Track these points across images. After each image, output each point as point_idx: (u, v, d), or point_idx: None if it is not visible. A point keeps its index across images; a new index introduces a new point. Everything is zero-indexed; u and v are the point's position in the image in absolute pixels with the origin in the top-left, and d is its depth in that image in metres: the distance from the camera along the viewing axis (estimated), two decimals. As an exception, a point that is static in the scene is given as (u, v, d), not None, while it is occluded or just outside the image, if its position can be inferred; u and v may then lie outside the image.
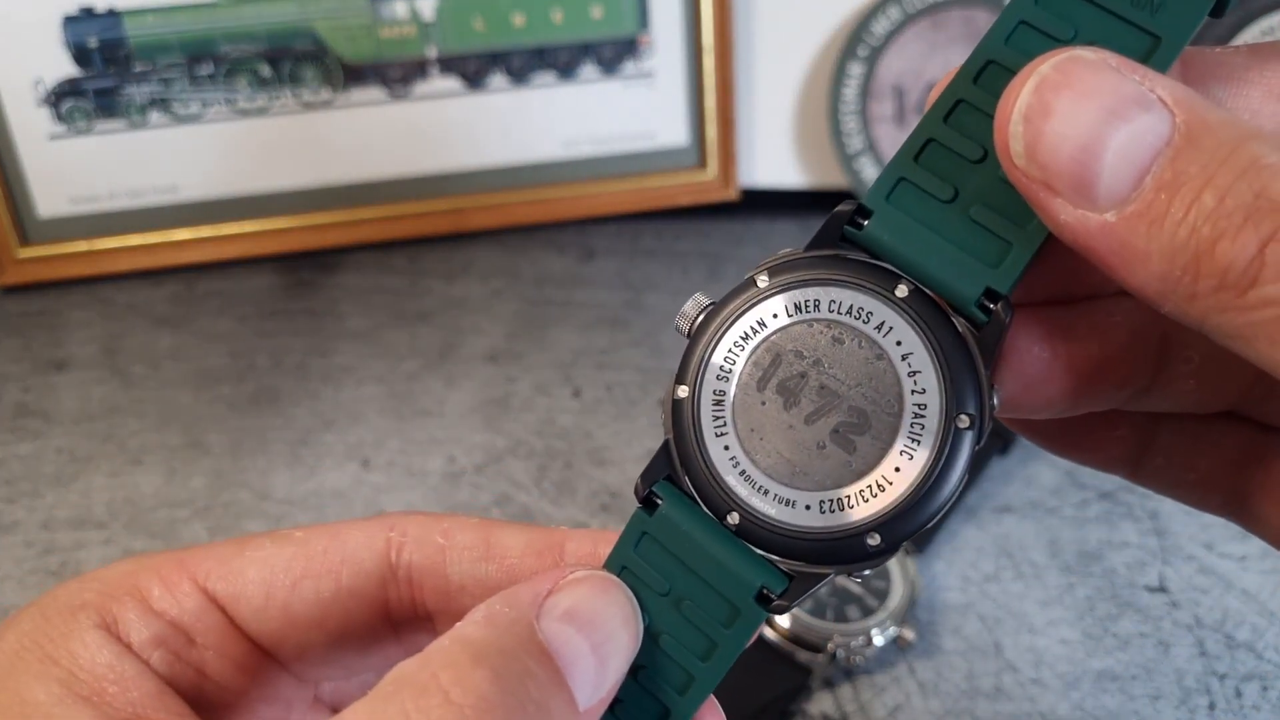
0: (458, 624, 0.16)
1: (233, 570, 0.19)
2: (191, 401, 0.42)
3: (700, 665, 0.18)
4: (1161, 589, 0.33)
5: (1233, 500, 0.20)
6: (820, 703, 0.30)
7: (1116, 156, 0.14)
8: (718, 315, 0.18)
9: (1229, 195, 0.14)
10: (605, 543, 0.19)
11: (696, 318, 0.18)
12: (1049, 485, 0.37)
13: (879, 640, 0.30)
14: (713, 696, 0.18)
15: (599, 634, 0.17)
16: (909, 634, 0.30)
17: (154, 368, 0.44)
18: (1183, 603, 0.32)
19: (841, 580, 0.31)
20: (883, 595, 0.31)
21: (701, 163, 0.54)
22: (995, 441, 0.37)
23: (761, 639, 0.30)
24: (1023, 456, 0.38)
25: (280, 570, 0.19)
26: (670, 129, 0.53)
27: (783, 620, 0.30)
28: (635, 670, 0.18)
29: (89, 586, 0.19)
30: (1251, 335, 0.14)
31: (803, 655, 0.29)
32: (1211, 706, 0.29)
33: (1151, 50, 0.16)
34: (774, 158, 0.55)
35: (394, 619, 0.20)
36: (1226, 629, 0.32)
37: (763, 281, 0.18)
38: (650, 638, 0.18)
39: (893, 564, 0.32)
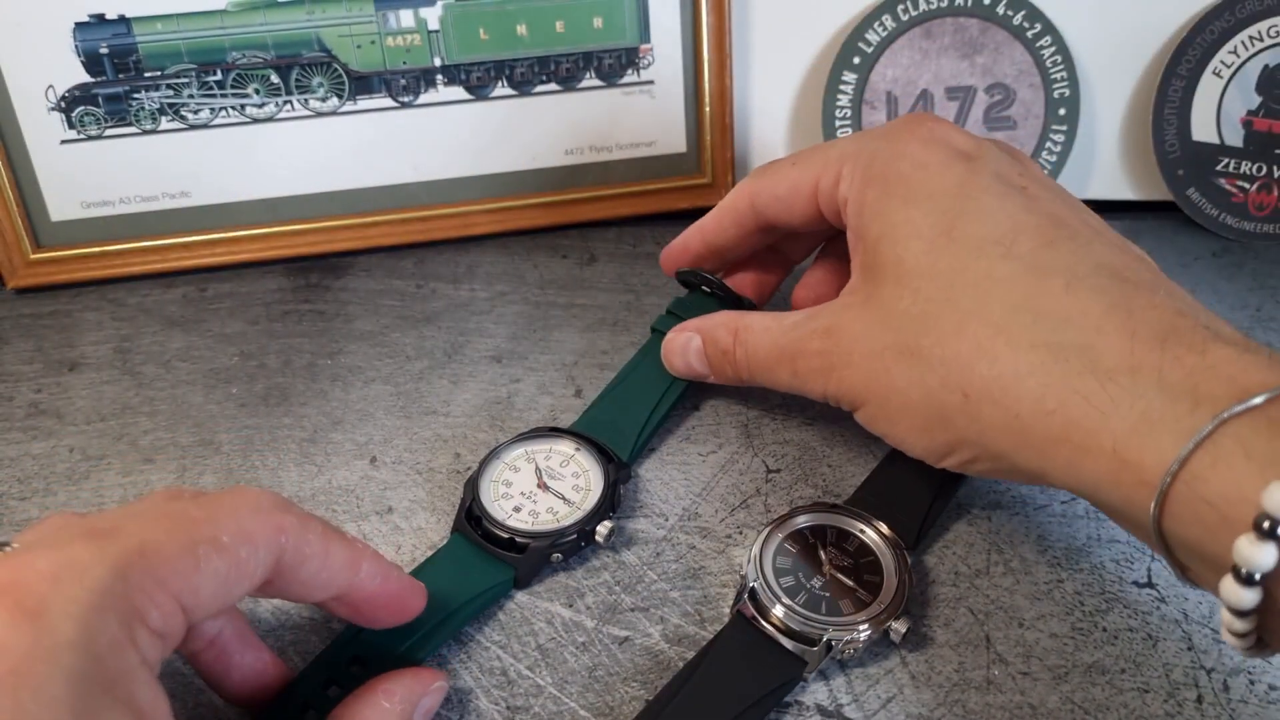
0: (389, 710, 0.27)
1: (194, 587, 0.23)
2: (202, 401, 0.43)
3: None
4: (1149, 584, 0.33)
5: None
6: (814, 694, 0.30)
7: (693, 355, 0.39)
8: None
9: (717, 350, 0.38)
10: (392, 574, 0.28)
11: None
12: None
13: (872, 633, 0.30)
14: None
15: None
16: (901, 626, 0.31)
17: (165, 368, 0.45)
18: (1170, 598, 0.33)
19: (835, 574, 0.32)
20: (875, 589, 0.32)
21: (700, 169, 0.54)
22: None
23: (756, 631, 0.30)
24: (1014, 456, 0.39)
25: (222, 582, 0.23)
26: (670, 137, 0.54)
27: (777, 612, 0.30)
28: None
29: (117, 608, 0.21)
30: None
31: (797, 647, 0.30)
32: (1199, 700, 0.30)
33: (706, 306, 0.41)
34: (771, 164, 0.56)
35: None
36: (1214, 624, 0.32)
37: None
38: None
39: (885, 558, 0.32)
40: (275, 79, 0.50)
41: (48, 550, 0.21)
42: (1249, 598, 0.23)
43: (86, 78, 0.48)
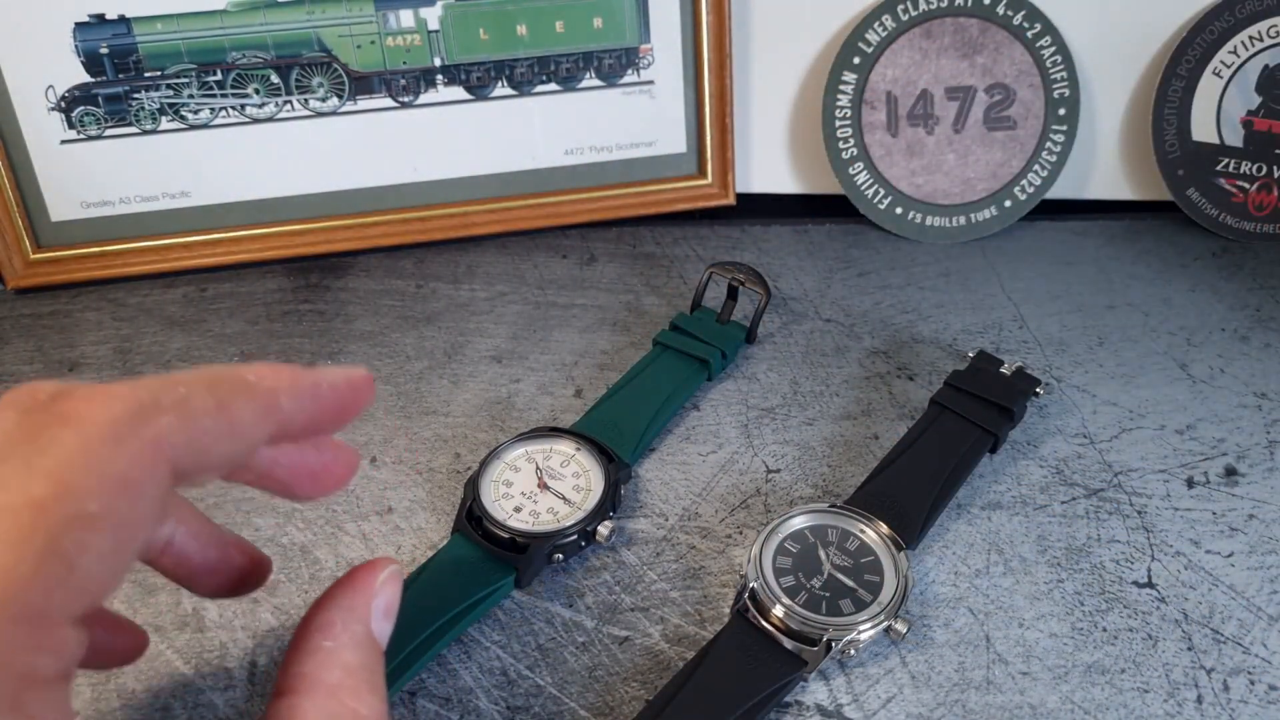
0: (334, 649, 0.22)
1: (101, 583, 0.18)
2: (202, 401, 0.43)
3: None
4: (1149, 584, 0.33)
5: None
6: (814, 694, 0.30)
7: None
8: None
9: None
10: (358, 380, 0.23)
11: None
12: (1037, 482, 0.38)
13: (872, 633, 0.30)
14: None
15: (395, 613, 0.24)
16: (901, 626, 0.31)
17: (165, 368, 0.45)
18: (1170, 598, 0.33)
19: (835, 574, 0.32)
20: (876, 589, 0.32)
21: (700, 169, 0.54)
22: (985, 440, 0.38)
23: (757, 631, 0.30)
24: (1012, 454, 0.39)
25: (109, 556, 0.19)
26: (669, 137, 0.54)
27: (777, 612, 0.30)
28: None
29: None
30: None
31: (796, 647, 0.30)
32: (1199, 700, 0.30)
33: None
34: (770, 164, 0.56)
35: None
36: (1214, 624, 0.32)
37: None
38: None
39: (885, 558, 0.32)
40: (275, 79, 0.50)
41: None
42: None
43: (86, 78, 0.48)
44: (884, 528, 0.33)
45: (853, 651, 0.30)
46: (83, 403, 0.19)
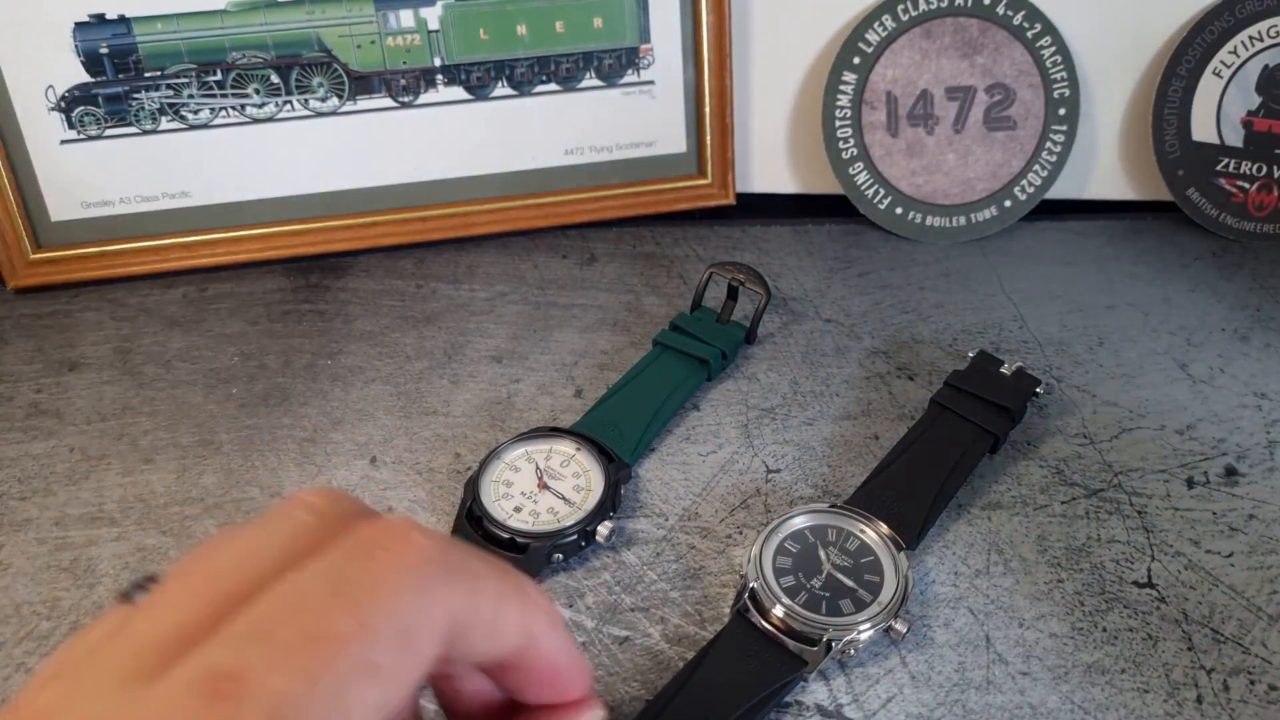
0: None
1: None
2: (202, 401, 0.43)
3: None
4: (1149, 584, 0.33)
5: None
6: (814, 694, 0.30)
7: None
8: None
9: None
10: (568, 645, 0.21)
11: None
12: (1037, 483, 0.38)
13: (871, 633, 0.30)
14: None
15: None
16: (901, 626, 0.31)
17: (165, 368, 0.45)
18: (1170, 598, 0.33)
19: (835, 574, 0.32)
20: (876, 589, 0.32)
21: (700, 169, 0.54)
22: (985, 440, 0.38)
23: (757, 631, 0.30)
24: (1012, 455, 0.39)
25: (377, 712, 0.18)
26: (669, 137, 0.54)
27: (777, 612, 0.30)
28: None
29: None
30: None
31: (797, 647, 0.30)
32: (1199, 700, 0.30)
33: None
34: (770, 164, 0.56)
35: None
36: (1214, 624, 0.32)
37: None
38: None
39: (885, 558, 0.32)
40: (275, 79, 0.50)
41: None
42: None
43: (86, 78, 0.48)
44: (884, 528, 0.33)
45: (853, 651, 0.30)
46: (397, 540, 0.18)
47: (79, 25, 0.47)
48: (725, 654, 0.30)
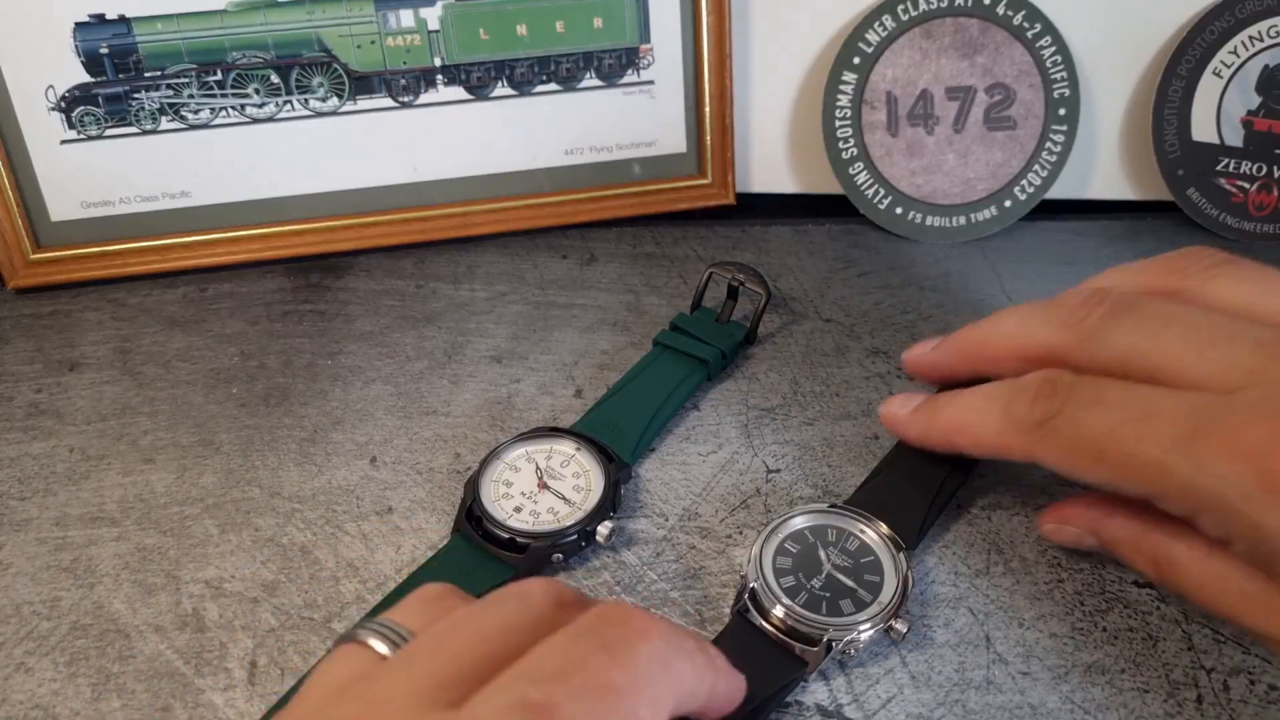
0: None
1: None
2: (203, 401, 0.43)
3: None
4: (1150, 585, 0.33)
5: None
6: (814, 694, 0.30)
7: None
8: None
9: None
10: (736, 681, 0.26)
11: None
12: (1038, 483, 0.38)
13: (871, 633, 0.30)
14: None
15: None
16: (901, 626, 0.31)
17: (166, 368, 0.45)
18: (1171, 598, 0.33)
19: (835, 574, 0.32)
20: (876, 589, 0.32)
21: (700, 169, 0.54)
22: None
23: (757, 632, 0.30)
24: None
25: None
26: (670, 137, 0.54)
27: (777, 612, 0.30)
28: None
29: None
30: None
31: (797, 648, 0.30)
32: (1199, 700, 0.30)
33: None
34: (770, 164, 0.56)
35: None
36: (1214, 624, 0.32)
37: None
38: None
39: (885, 558, 0.32)
40: (275, 79, 0.50)
41: None
42: None
43: (86, 78, 0.48)
44: (884, 528, 0.33)
45: (853, 651, 0.30)
46: (651, 624, 0.22)
47: (79, 25, 0.48)
48: (725, 655, 0.30)
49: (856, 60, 0.52)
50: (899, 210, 0.54)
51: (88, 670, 0.31)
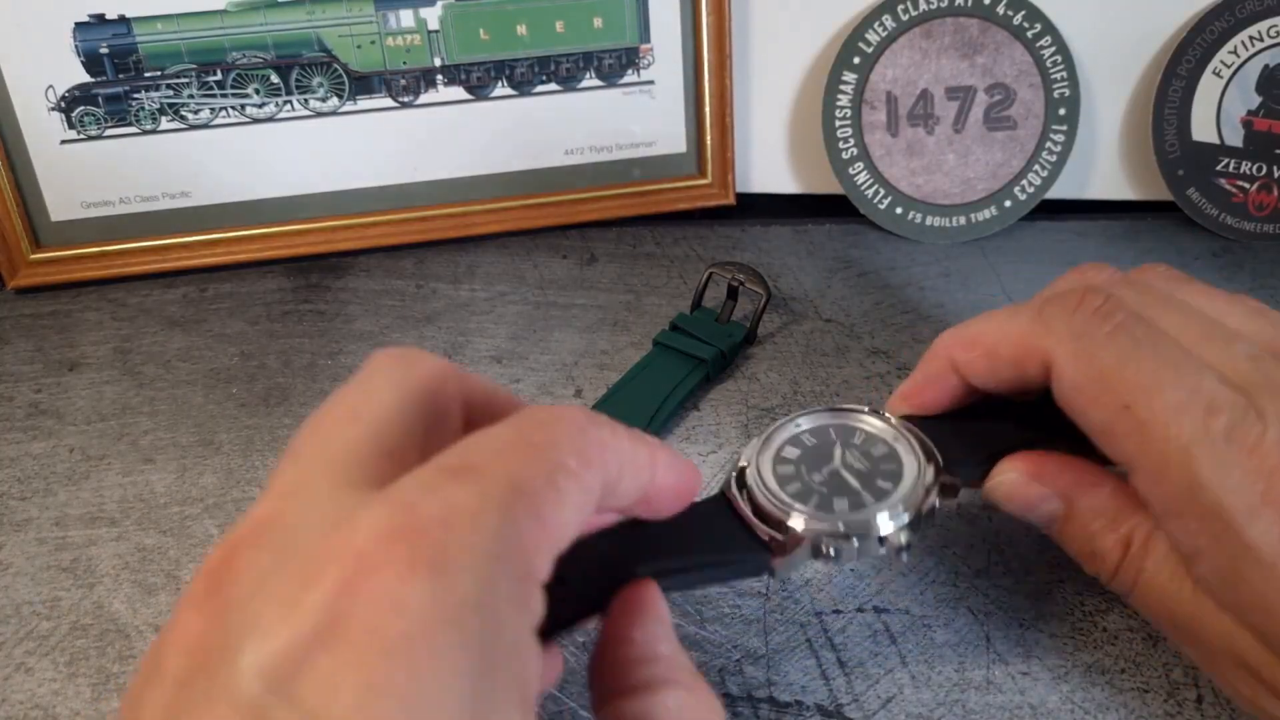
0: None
1: (562, 523, 0.20)
2: (203, 401, 0.43)
3: None
4: (1149, 584, 0.33)
5: None
6: (814, 694, 0.30)
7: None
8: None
9: None
10: (677, 460, 0.24)
11: None
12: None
13: (857, 542, 0.26)
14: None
15: None
16: (903, 537, 0.26)
17: (166, 368, 0.45)
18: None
19: (843, 473, 0.28)
20: (884, 495, 0.26)
21: (700, 169, 0.54)
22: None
23: (729, 508, 0.27)
24: (1014, 456, 0.39)
25: (577, 513, 0.21)
26: (669, 137, 0.54)
27: (751, 488, 0.27)
28: None
29: None
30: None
31: (763, 530, 0.26)
32: (1199, 700, 0.30)
33: None
34: (770, 164, 0.56)
35: None
36: (1212, 624, 0.32)
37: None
38: None
39: (905, 454, 0.28)
40: (275, 79, 0.50)
41: (425, 492, 0.18)
42: None
43: (86, 78, 0.48)
44: (930, 447, 0.28)
45: (831, 551, 0.26)
46: (561, 407, 0.22)
47: (79, 25, 0.48)
48: (695, 522, 0.26)
49: (856, 60, 0.52)
50: (899, 210, 0.54)
51: (88, 670, 0.31)
